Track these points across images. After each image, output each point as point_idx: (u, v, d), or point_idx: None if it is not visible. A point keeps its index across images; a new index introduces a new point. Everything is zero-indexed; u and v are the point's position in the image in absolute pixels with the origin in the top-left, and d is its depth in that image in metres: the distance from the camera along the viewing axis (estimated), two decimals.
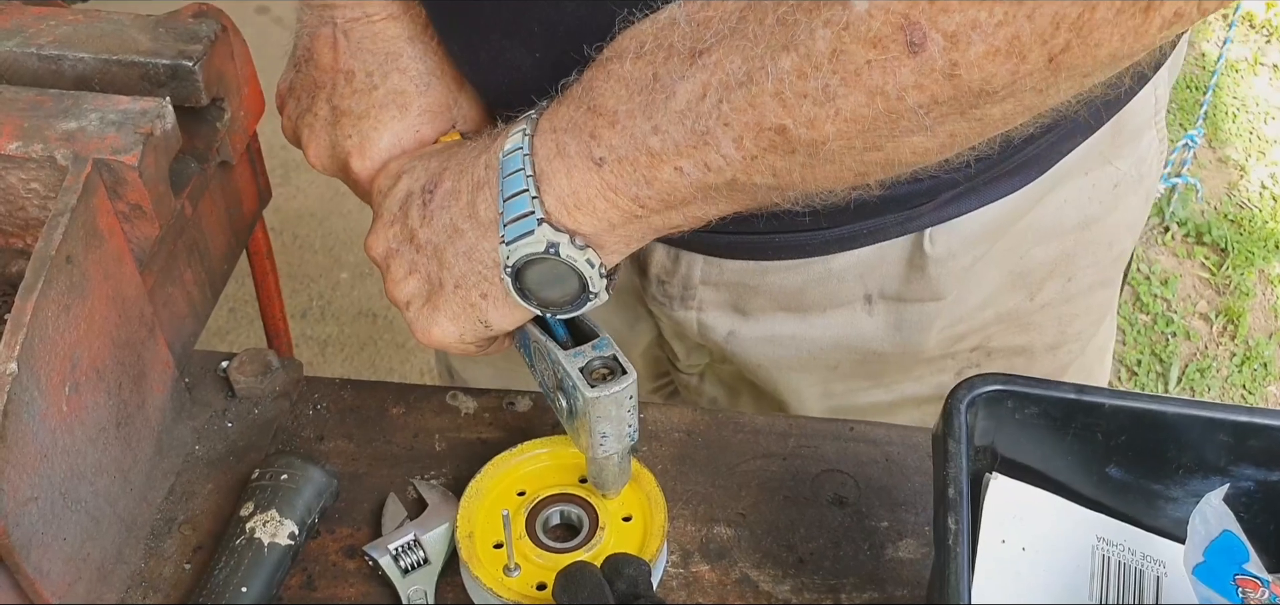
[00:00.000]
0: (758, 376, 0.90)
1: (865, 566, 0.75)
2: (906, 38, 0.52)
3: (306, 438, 0.83)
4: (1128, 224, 0.87)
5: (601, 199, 0.64)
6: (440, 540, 0.75)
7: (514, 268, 0.66)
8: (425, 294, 0.71)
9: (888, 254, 0.81)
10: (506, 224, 0.66)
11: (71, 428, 0.68)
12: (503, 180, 0.66)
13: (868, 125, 0.56)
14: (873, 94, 0.54)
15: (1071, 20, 0.50)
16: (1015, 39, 0.51)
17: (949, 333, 0.85)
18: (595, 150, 0.63)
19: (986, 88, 0.53)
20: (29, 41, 0.76)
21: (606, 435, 0.70)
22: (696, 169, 0.61)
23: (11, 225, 0.72)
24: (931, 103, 0.54)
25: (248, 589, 0.71)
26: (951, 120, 0.55)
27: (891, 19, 0.52)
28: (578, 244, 0.65)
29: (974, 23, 0.51)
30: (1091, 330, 0.93)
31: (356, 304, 2.43)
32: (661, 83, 0.60)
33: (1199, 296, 2.48)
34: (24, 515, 0.63)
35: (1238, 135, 2.82)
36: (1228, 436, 0.64)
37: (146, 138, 0.69)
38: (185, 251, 0.80)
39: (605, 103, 0.63)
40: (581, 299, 0.68)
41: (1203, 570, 0.61)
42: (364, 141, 0.75)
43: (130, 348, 0.73)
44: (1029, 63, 0.52)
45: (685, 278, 0.85)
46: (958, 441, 0.62)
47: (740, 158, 0.59)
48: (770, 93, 0.56)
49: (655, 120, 0.61)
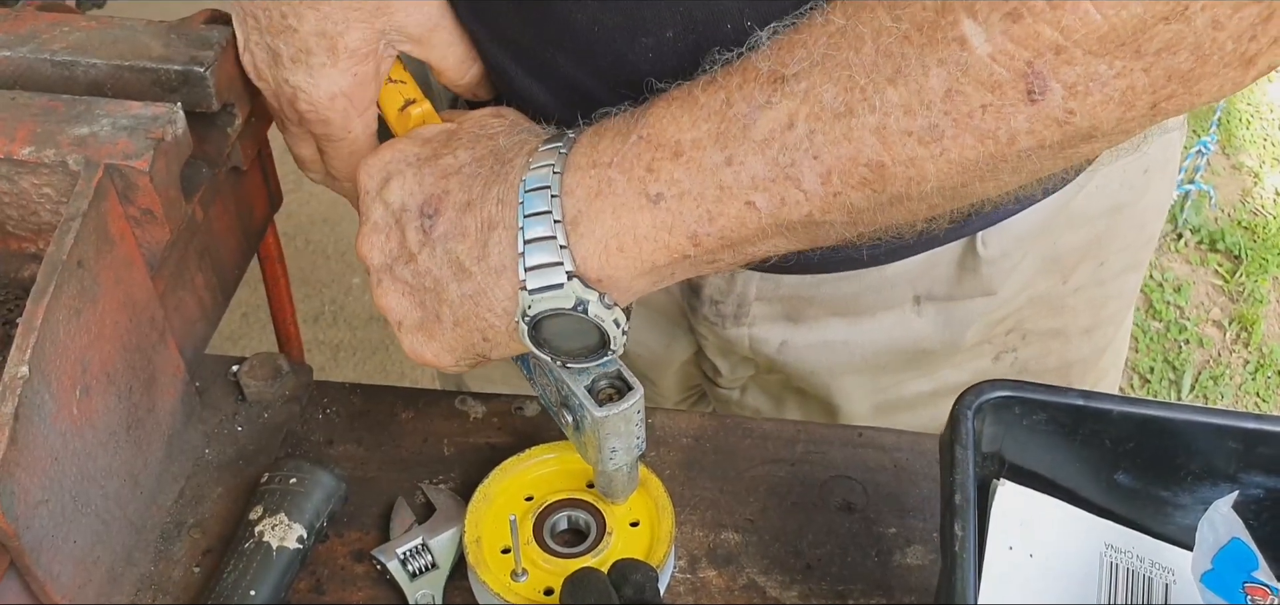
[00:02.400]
0: (809, 383, 0.90)
1: (873, 573, 0.75)
2: (1027, 86, 0.51)
3: (316, 442, 0.83)
4: (1157, 206, 0.89)
5: (650, 240, 0.59)
6: (448, 545, 0.75)
7: (533, 320, 0.62)
8: (419, 319, 0.67)
9: (940, 258, 0.81)
10: (528, 270, 0.61)
11: (82, 431, 0.68)
12: (523, 220, 0.61)
13: (969, 167, 0.54)
14: (983, 138, 0.53)
15: (1183, 74, 0.51)
16: (1130, 90, 0.51)
17: (987, 319, 0.86)
18: (652, 186, 0.58)
19: (1093, 133, 0.53)
20: (42, 48, 0.76)
21: (616, 450, 0.69)
22: (771, 205, 0.57)
23: (24, 229, 0.73)
24: (1038, 147, 0.53)
25: (257, 592, 0.71)
26: (1048, 160, 0.55)
27: (1014, 66, 0.51)
28: (607, 302, 0.61)
29: (1094, 74, 0.51)
30: (1124, 313, 0.93)
31: (368, 309, 2.44)
32: (737, 110, 0.56)
33: (1212, 304, 2.46)
34: (35, 518, 0.64)
35: (1252, 142, 2.80)
36: (1237, 444, 0.64)
37: (158, 143, 0.69)
38: (196, 256, 0.80)
39: (665, 132, 0.58)
40: (597, 354, 0.65)
41: (1211, 578, 0.61)
42: (308, 88, 0.71)
43: (141, 352, 0.74)
44: (1135, 111, 0.52)
45: (740, 296, 0.84)
46: (965, 447, 0.62)
47: (823, 194, 0.56)
48: (871, 127, 0.54)
49: (730, 150, 0.56)
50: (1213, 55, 0.50)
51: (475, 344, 0.66)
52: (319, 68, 0.70)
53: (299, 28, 0.70)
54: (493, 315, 0.64)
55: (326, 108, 0.72)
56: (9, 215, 0.72)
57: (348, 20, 0.69)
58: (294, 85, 0.72)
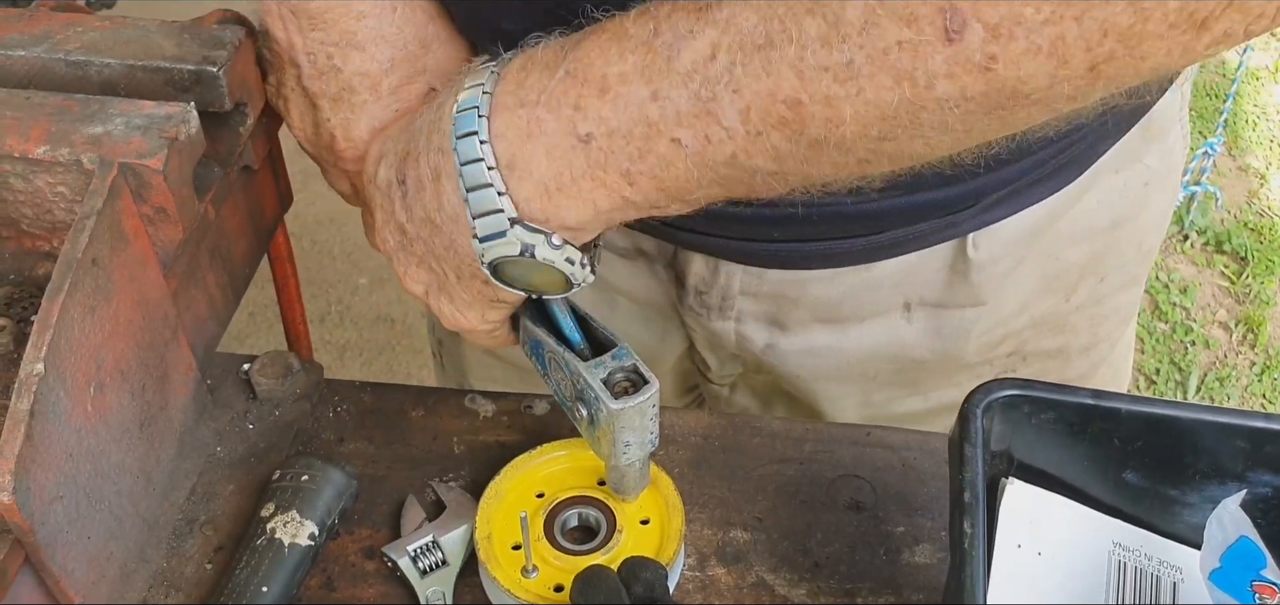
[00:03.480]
0: (795, 388, 0.89)
1: (881, 571, 0.76)
2: (945, 22, 0.48)
3: (327, 440, 0.84)
4: (1155, 222, 0.87)
5: (588, 179, 0.57)
6: (459, 542, 0.76)
7: (490, 265, 0.62)
8: (436, 283, 0.67)
9: (929, 260, 0.80)
10: (475, 218, 0.60)
11: (96, 428, 0.68)
12: (461, 169, 0.59)
13: (888, 112, 0.51)
14: (899, 78, 0.50)
15: (1121, 29, 0.47)
16: (1059, 40, 0.48)
17: (986, 339, 0.85)
18: (581, 125, 0.56)
19: (1021, 89, 0.50)
20: (56, 48, 0.77)
21: (630, 444, 0.70)
22: (696, 143, 0.54)
23: (38, 228, 0.73)
24: (961, 96, 0.50)
25: (268, 589, 0.72)
26: (976, 117, 0.51)
27: None
28: (555, 243, 0.60)
29: (1018, 17, 0.47)
30: (1120, 330, 0.93)
31: (375, 309, 2.45)
32: (663, 39, 0.54)
33: (1218, 305, 2.46)
34: (50, 513, 0.64)
35: (1258, 143, 2.80)
36: (1245, 442, 0.64)
37: (171, 142, 0.70)
38: (208, 255, 0.80)
39: (593, 67, 0.56)
40: (566, 288, 0.64)
41: (1219, 576, 0.61)
42: (346, 127, 0.71)
43: (154, 349, 0.74)
44: (1070, 67, 0.49)
45: (724, 288, 0.84)
46: (974, 445, 0.62)
47: (744, 133, 0.54)
48: (789, 61, 0.51)
49: (655, 85, 0.54)
50: (1155, 12, 0.47)
51: (480, 291, 0.65)
52: (360, 105, 0.71)
53: (344, 68, 0.70)
54: (469, 262, 0.63)
55: (365, 142, 0.72)
56: (24, 214, 0.72)
57: (393, 61, 0.70)
58: (333, 126, 0.72)
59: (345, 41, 0.70)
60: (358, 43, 0.70)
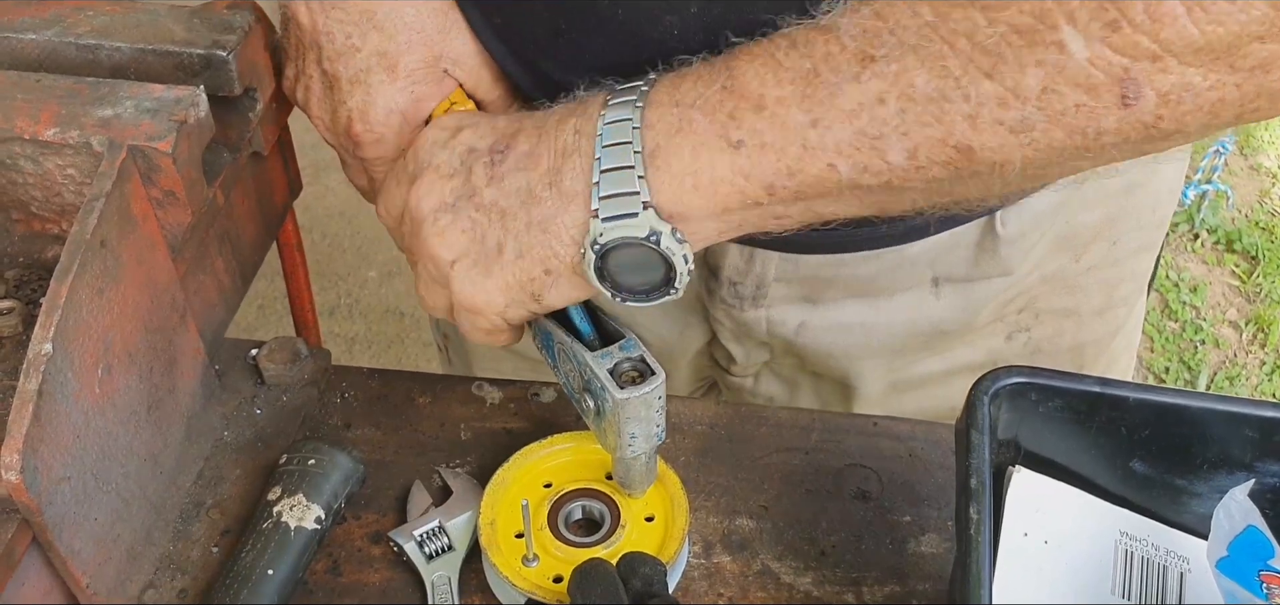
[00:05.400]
0: (825, 365, 0.90)
1: (887, 560, 0.75)
2: (1121, 91, 0.53)
3: (334, 425, 0.84)
4: (1169, 187, 0.89)
5: (727, 184, 0.61)
6: (464, 528, 0.76)
7: (603, 248, 0.63)
8: (478, 255, 0.67)
9: (961, 238, 0.81)
10: (603, 198, 0.62)
11: (104, 410, 0.69)
12: (601, 150, 0.62)
13: (1054, 157, 0.57)
14: (1072, 133, 0.55)
15: (1272, 92, 0.53)
16: (1220, 102, 0.53)
17: (1001, 298, 0.86)
18: (733, 132, 0.60)
19: (1174, 137, 0.55)
20: (67, 31, 0.77)
21: (635, 436, 0.70)
22: (853, 170, 0.59)
23: (48, 210, 0.73)
24: (1123, 143, 0.55)
25: (274, 572, 0.72)
26: (1126, 155, 0.57)
27: (1111, 71, 0.53)
28: (679, 237, 0.63)
29: (1187, 85, 0.53)
30: (1136, 295, 0.94)
31: (384, 302, 2.45)
32: (823, 78, 0.58)
33: (1228, 304, 2.45)
34: (57, 494, 0.64)
35: (1270, 143, 2.79)
36: (1253, 432, 0.64)
37: (180, 125, 0.70)
38: (217, 240, 0.81)
39: (748, 85, 0.60)
40: (660, 291, 0.65)
41: (1227, 565, 0.61)
42: (364, 108, 0.72)
43: (162, 333, 0.74)
44: (1221, 120, 0.54)
45: (759, 277, 0.84)
46: (980, 433, 0.62)
47: (907, 167, 0.58)
48: (964, 114, 0.56)
49: (815, 113, 0.59)
50: None
51: (535, 278, 0.66)
52: (377, 85, 0.72)
53: (362, 47, 0.72)
54: (559, 244, 0.64)
55: (382, 125, 0.73)
56: (33, 196, 0.73)
57: (410, 42, 0.72)
58: (350, 108, 0.73)
59: (364, 21, 0.71)
60: (376, 23, 0.71)
